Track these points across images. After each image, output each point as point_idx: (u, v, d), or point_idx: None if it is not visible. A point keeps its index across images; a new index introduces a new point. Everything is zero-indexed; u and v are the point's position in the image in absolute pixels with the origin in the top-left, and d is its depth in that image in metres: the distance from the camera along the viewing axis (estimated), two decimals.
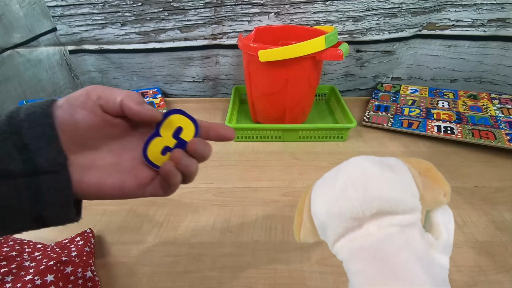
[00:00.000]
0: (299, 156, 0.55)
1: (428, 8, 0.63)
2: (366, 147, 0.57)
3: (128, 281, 0.34)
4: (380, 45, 0.68)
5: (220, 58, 0.71)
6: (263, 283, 0.34)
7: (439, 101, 0.66)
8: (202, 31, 0.67)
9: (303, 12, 0.64)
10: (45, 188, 0.20)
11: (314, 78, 0.57)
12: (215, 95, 0.78)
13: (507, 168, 0.50)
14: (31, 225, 0.21)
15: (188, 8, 0.64)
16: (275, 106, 0.59)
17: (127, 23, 0.66)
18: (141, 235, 0.40)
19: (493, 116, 0.59)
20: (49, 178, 0.20)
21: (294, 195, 0.46)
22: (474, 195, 0.45)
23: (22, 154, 0.20)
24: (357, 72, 0.73)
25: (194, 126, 0.24)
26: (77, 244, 0.35)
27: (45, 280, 0.28)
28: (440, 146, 0.56)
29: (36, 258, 0.31)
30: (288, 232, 0.40)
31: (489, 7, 0.62)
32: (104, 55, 0.71)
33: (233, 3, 0.63)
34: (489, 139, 0.53)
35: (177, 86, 0.76)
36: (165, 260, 0.36)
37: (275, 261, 0.36)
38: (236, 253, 0.37)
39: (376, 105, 0.67)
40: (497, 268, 0.35)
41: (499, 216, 0.41)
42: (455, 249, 0.37)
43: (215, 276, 0.34)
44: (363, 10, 0.64)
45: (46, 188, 0.20)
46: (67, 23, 0.66)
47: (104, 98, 0.22)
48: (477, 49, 0.67)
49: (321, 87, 0.71)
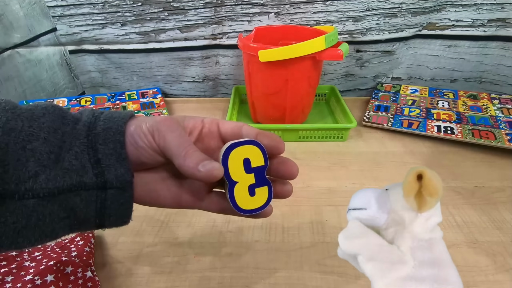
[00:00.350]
0: (299, 156, 0.55)
1: (428, 8, 0.63)
2: (366, 147, 0.57)
3: (128, 281, 0.34)
4: (380, 45, 0.68)
5: (220, 58, 0.71)
6: (263, 283, 0.33)
7: (439, 101, 0.66)
8: (202, 31, 0.67)
9: (303, 12, 0.64)
10: (110, 202, 0.22)
11: (314, 78, 0.57)
12: (215, 95, 0.78)
13: (507, 168, 0.50)
14: (92, 229, 0.23)
15: (188, 8, 0.64)
16: (275, 106, 0.59)
17: (127, 23, 0.66)
18: (141, 235, 0.39)
19: (493, 116, 0.59)
20: (115, 193, 0.22)
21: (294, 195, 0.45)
22: (474, 195, 0.45)
23: (94, 168, 0.21)
24: (357, 72, 0.73)
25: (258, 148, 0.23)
26: (77, 244, 0.35)
27: (45, 280, 0.28)
28: (440, 146, 0.56)
29: (36, 258, 0.31)
30: (288, 232, 0.40)
31: (489, 7, 0.62)
32: (104, 55, 0.71)
33: (233, 3, 0.63)
34: (489, 139, 0.53)
35: (177, 86, 0.76)
36: (165, 260, 0.36)
37: (275, 261, 0.36)
38: (236, 253, 0.37)
39: (376, 105, 0.67)
40: (497, 268, 0.35)
41: (499, 216, 0.41)
42: (455, 249, 0.37)
43: (215, 276, 0.34)
44: (363, 10, 0.64)
45: (111, 201, 0.22)
46: (67, 23, 0.66)
47: (163, 149, 0.22)
48: (477, 49, 0.67)
49: (321, 87, 0.71)
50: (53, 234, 0.20)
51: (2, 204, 0.18)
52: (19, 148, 0.18)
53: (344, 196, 0.45)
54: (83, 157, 0.21)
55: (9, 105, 0.19)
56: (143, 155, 0.23)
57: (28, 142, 0.19)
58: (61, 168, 0.20)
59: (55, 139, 0.20)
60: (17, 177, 0.18)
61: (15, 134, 0.19)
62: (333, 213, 0.42)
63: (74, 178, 0.20)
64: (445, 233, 0.41)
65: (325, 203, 0.44)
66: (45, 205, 0.19)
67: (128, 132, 0.22)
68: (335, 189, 0.47)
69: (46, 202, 0.19)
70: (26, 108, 0.20)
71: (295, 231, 0.40)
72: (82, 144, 0.21)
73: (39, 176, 0.19)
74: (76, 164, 0.20)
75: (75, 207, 0.20)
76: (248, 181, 0.23)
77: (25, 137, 0.19)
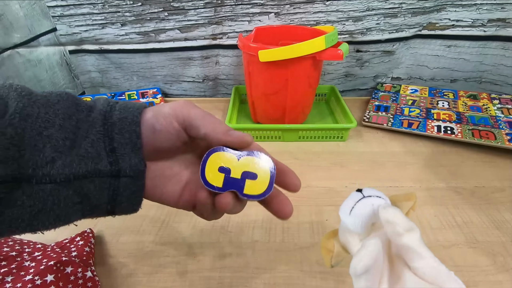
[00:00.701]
0: (299, 156, 0.55)
1: (428, 8, 0.63)
2: (366, 147, 0.57)
3: (128, 281, 0.34)
4: (380, 45, 0.68)
5: (220, 58, 0.71)
6: (263, 283, 0.34)
7: (439, 101, 0.66)
8: (202, 31, 0.67)
9: (303, 12, 0.64)
10: (123, 189, 0.22)
11: (314, 78, 0.57)
12: (215, 95, 0.78)
13: (507, 168, 0.50)
14: (102, 215, 0.23)
15: (188, 8, 0.64)
16: (275, 106, 0.59)
17: (127, 23, 0.66)
18: (141, 235, 0.40)
19: (493, 116, 0.59)
20: (128, 181, 0.22)
21: (294, 195, 0.45)
22: (474, 195, 0.45)
23: (109, 156, 0.22)
24: (357, 72, 0.73)
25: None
26: (77, 244, 0.35)
27: (45, 280, 0.28)
28: (440, 146, 0.56)
29: (36, 258, 0.31)
30: (288, 232, 0.40)
31: (489, 7, 0.62)
32: (104, 55, 0.71)
33: (233, 3, 0.63)
34: (489, 139, 0.53)
35: (177, 86, 0.76)
36: (165, 260, 0.36)
37: (275, 261, 0.36)
38: (236, 253, 0.37)
39: (376, 105, 0.67)
40: (497, 268, 0.35)
41: (499, 216, 0.41)
42: (455, 249, 0.37)
43: (215, 276, 0.34)
44: (363, 10, 0.64)
45: (123, 189, 0.22)
46: (67, 23, 0.66)
47: (188, 123, 0.23)
48: (477, 49, 0.67)
49: (321, 87, 0.71)
50: (66, 218, 0.21)
51: (18, 188, 0.19)
52: (35, 134, 0.19)
53: (344, 196, 0.44)
54: (99, 145, 0.21)
55: (25, 90, 0.20)
56: (159, 140, 0.23)
57: (45, 128, 0.19)
58: (77, 154, 0.20)
59: (70, 125, 0.21)
60: (34, 162, 0.19)
61: (31, 120, 0.19)
62: (333, 213, 0.42)
63: (89, 165, 0.21)
64: (445, 233, 0.41)
65: (325, 203, 0.44)
66: (60, 190, 0.20)
67: (144, 119, 0.23)
68: (335, 189, 0.47)
69: (62, 187, 0.20)
70: (41, 94, 0.21)
71: (295, 231, 0.40)
72: (98, 133, 0.22)
73: (56, 162, 0.19)
74: (91, 152, 0.21)
75: (89, 193, 0.21)
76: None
77: (41, 124, 0.19)
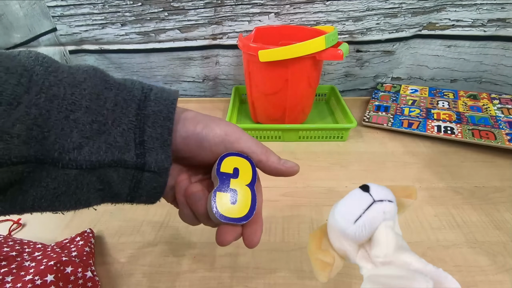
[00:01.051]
0: (299, 156, 0.55)
1: (428, 8, 0.63)
2: (366, 147, 0.57)
3: (128, 281, 0.34)
4: (380, 45, 0.68)
5: (220, 58, 0.71)
6: (263, 283, 0.34)
7: (439, 101, 0.66)
8: (202, 31, 0.67)
9: (303, 12, 0.64)
10: (144, 183, 0.22)
11: (314, 78, 0.57)
12: (215, 95, 0.78)
13: (507, 168, 0.50)
14: (121, 202, 0.23)
15: (188, 8, 0.64)
16: (275, 106, 0.59)
17: (127, 23, 0.66)
18: (141, 235, 0.40)
19: (493, 116, 0.59)
20: (151, 176, 0.22)
21: (294, 195, 0.46)
22: (474, 195, 0.45)
23: (137, 148, 0.21)
24: (357, 72, 0.73)
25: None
26: (77, 244, 0.35)
27: (45, 280, 0.28)
28: (440, 146, 0.56)
29: (36, 258, 0.31)
30: (288, 232, 0.40)
31: (489, 7, 0.62)
32: (104, 55, 0.71)
33: (233, 3, 0.63)
34: (489, 139, 0.53)
35: (177, 86, 0.76)
36: (165, 260, 0.36)
37: (275, 261, 0.36)
38: (236, 253, 0.37)
39: (376, 105, 0.67)
40: (497, 268, 0.35)
41: (499, 216, 0.41)
42: (455, 249, 0.37)
43: (215, 276, 0.34)
44: (363, 10, 0.64)
45: (145, 183, 0.22)
46: (67, 23, 0.66)
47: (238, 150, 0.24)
48: (477, 49, 0.67)
49: (321, 87, 0.71)
50: (86, 203, 0.21)
51: (42, 170, 0.19)
52: (62, 118, 0.19)
53: (344, 196, 0.45)
54: (129, 135, 0.21)
55: (51, 66, 0.19)
56: (181, 143, 0.23)
57: (71, 111, 0.19)
58: (105, 142, 0.20)
59: (97, 106, 0.20)
60: (61, 145, 0.19)
61: (58, 102, 0.18)
62: None
63: (116, 155, 0.21)
64: (445, 233, 0.41)
65: (325, 203, 0.44)
66: (85, 175, 0.20)
67: (182, 120, 0.23)
68: (335, 189, 0.47)
69: (86, 173, 0.20)
70: (68, 71, 0.20)
71: (295, 231, 0.40)
72: (131, 123, 0.21)
73: (83, 148, 0.19)
74: (120, 142, 0.21)
75: (112, 181, 0.21)
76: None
77: (68, 106, 0.19)
